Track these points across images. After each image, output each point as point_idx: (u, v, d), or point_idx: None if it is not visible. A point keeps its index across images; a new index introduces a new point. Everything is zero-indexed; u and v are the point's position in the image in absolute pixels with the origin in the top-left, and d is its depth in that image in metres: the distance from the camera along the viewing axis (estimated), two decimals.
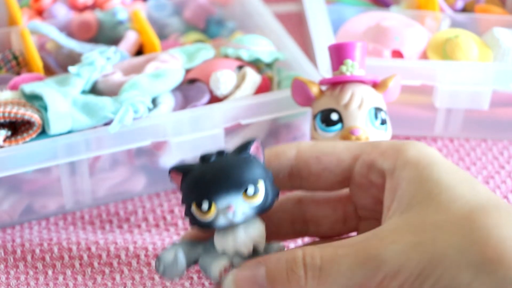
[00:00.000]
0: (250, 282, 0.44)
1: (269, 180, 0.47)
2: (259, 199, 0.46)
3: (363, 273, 0.41)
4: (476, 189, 0.42)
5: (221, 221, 0.45)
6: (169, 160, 0.68)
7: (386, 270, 0.41)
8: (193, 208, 0.46)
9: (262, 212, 0.46)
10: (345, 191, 0.51)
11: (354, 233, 0.51)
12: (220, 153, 0.47)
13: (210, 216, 0.45)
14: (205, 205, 0.45)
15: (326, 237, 0.52)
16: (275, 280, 0.43)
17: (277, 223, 0.51)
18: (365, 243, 0.42)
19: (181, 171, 0.47)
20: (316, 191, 0.51)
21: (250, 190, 0.45)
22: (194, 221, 0.46)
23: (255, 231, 0.46)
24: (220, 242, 0.47)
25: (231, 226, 0.46)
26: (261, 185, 0.46)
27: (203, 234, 0.49)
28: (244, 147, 0.47)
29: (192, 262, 0.48)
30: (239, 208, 0.45)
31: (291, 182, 0.49)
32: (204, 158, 0.47)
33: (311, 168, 0.48)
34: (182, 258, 0.47)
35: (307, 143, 0.49)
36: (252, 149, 0.47)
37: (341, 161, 0.47)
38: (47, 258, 0.62)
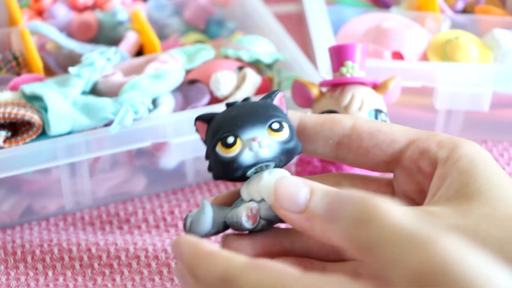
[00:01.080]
0: (291, 194, 0.42)
1: (292, 128, 0.47)
2: (284, 135, 0.46)
3: (402, 251, 0.40)
4: None
5: (246, 155, 0.45)
6: (169, 161, 0.68)
7: (423, 247, 0.40)
8: (218, 147, 0.46)
9: (286, 153, 0.46)
10: (387, 177, 0.50)
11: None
12: (245, 100, 0.48)
13: (235, 151, 0.45)
14: (230, 139, 0.45)
15: None
16: (315, 207, 0.41)
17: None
18: (410, 211, 0.41)
19: (206, 118, 0.48)
20: (359, 168, 0.50)
21: (275, 125, 0.46)
22: (218, 164, 0.46)
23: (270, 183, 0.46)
24: (247, 190, 0.46)
25: (257, 174, 0.46)
26: (285, 124, 0.46)
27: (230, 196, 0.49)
28: (268, 95, 0.49)
29: (219, 222, 0.47)
30: (264, 141, 0.45)
31: (338, 151, 0.49)
32: (229, 105, 0.48)
33: (363, 142, 0.48)
34: (209, 210, 0.47)
35: (365, 119, 0.49)
36: (276, 99, 0.48)
37: (395, 142, 0.48)
38: (47, 259, 0.62)
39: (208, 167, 0.47)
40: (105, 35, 0.79)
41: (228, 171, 0.46)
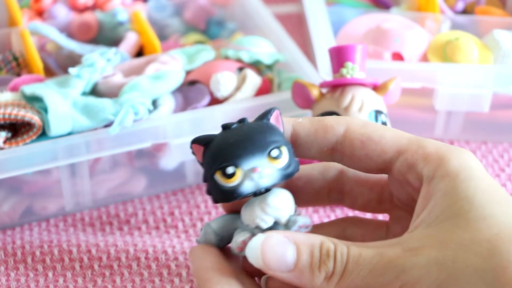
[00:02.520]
0: (278, 257, 0.43)
1: (290, 148, 0.47)
2: (283, 161, 0.46)
3: (382, 279, 0.41)
4: (508, 211, 0.42)
5: (247, 185, 0.45)
6: (169, 162, 0.68)
7: (405, 280, 0.41)
8: (217, 175, 0.45)
9: (286, 178, 0.46)
10: (385, 176, 0.51)
11: (386, 216, 0.52)
12: (241, 121, 0.47)
13: (235, 181, 0.45)
14: (230, 169, 0.45)
15: (359, 210, 0.53)
16: (304, 267, 0.43)
17: (316, 189, 0.52)
18: (389, 250, 0.42)
19: (203, 142, 0.47)
20: (356, 170, 0.50)
21: (274, 152, 0.45)
22: (218, 192, 0.45)
23: (281, 202, 0.46)
24: (244, 215, 0.47)
25: (257, 198, 0.46)
26: (284, 149, 0.46)
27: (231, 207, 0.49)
28: (264, 115, 0.48)
29: (229, 235, 0.48)
30: (264, 170, 0.45)
31: (333, 156, 0.49)
32: (225, 127, 0.47)
33: (354, 150, 0.48)
34: (211, 237, 0.48)
35: (358, 122, 0.48)
36: (272, 118, 0.47)
37: (384, 153, 0.47)
38: (48, 260, 0.62)
39: (207, 191, 0.47)
40: (105, 36, 0.79)
41: (228, 198, 0.46)
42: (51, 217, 0.68)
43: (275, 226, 0.47)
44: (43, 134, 0.63)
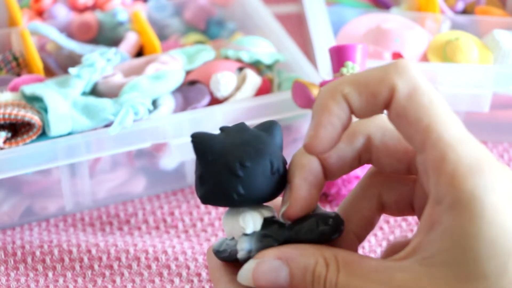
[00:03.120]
0: (270, 282, 0.43)
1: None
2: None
3: None
4: (505, 268, 0.38)
5: None
6: (169, 162, 0.68)
7: None
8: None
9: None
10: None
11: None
12: (241, 126, 0.46)
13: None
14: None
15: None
16: (298, 286, 0.42)
17: (347, 161, 0.46)
18: (376, 279, 0.40)
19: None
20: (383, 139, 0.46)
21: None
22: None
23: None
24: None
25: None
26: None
27: None
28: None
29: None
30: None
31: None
32: (224, 129, 0.46)
33: (392, 124, 0.43)
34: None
35: (405, 88, 0.42)
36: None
37: (412, 141, 0.41)
38: (48, 260, 0.62)
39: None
40: (105, 36, 0.79)
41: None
42: (51, 217, 0.68)
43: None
44: (43, 134, 0.63)
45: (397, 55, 0.74)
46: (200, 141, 0.45)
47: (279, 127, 0.47)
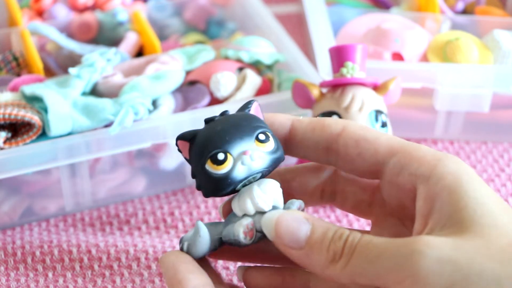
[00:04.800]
0: (291, 231, 0.43)
1: (274, 135, 0.47)
2: (270, 145, 0.46)
3: (389, 264, 0.40)
4: None
5: (239, 170, 0.45)
6: (169, 162, 0.68)
7: (413, 271, 0.40)
8: (208, 165, 0.45)
9: (275, 162, 0.46)
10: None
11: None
12: (223, 114, 0.48)
13: (227, 166, 0.45)
14: (221, 156, 0.45)
15: (349, 211, 0.52)
16: (316, 244, 0.43)
17: (310, 189, 0.51)
18: (401, 240, 0.41)
19: (188, 137, 0.47)
20: (349, 173, 0.50)
21: (262, 136, 0.46)
22: (210, 182, 0.45)
23: (271, 188, 0.46)
24: (239, 205, 0.46)
25: (246, 188, 0.46)
26: (270, 134, 0.47)
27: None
28: (244, 106, 0.48)
29: (215, 239, 0.47)
30: (254, 153, 0.45)
31: (328, 157, 0.49)
32: (209, 120, 0.47)
33: (348, 149, 0.48)
34: (205, 232, 0.46)
35: (356, 124, 0.48)
36: (253, 109, 0.48)
37: (377, 153, 0.47)
38: (48, 260, 0.62)
39: (197, 186, 0.47)
40: (105, 36, 0.79)
41: (220, 188, 0.46)
42: (51, 217, 0.68)
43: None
44: (43, 134, 0.63)
45: (397, 55, 0.74)
46: (179, 144, 0.47)
47: (253, 102, 0.49)
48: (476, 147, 0.75)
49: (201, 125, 0.66)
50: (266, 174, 0.47)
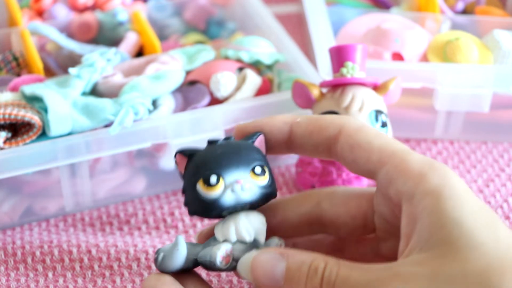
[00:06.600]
0: (267, 273, 0.44)
1: (271, 172, 0.48)
2: (264, 179, 0.46)
3: None
4: (497, 236, 0.41)
5: (228, 197, 0.45)
6: (169, 162, 0.68)
7: None
8: (199, 185, 0.45)
9: (265, 197, 0.47)
10: (369, 192, 0.50)
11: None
12: (227, 138, 0.48)
13: (217, 191, 0.45)
14: (213, 179, 0.45)
15: (345, 242, 0.52)
16: (293, 281, 0.43)
17: (293, 224, 0.51)
18: (378, 274, 0.41)
19: (188, 153, 0.47)
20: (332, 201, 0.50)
21: (258, 169, 0.46)
22: (197, 202, 0.45)
23: (257, 221, 0.47)
24: (222, 230, 0.47)
25: (232, 215, 0.46)
26: (267, 169, 0.47)
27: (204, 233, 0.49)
28: (250, 137, 0.48)
29: (190, 259, 0.47)
30: (246, 184, 0.45)
31: (329, 155, 0.49)
32: (212, 142, 0.47)
33: (344, 154, 0.48)
34: (183, 247, 0.47)
35: (353, 125, 0.48)
36: (257, 142, 0.48)
37: (369, 162, 0.46)
38: (48, 260, 0.62)
39: (185, 203, 0.47)
40: (105, 36, 0.79)
41: (206, 210, 0.46)
42: (51, 217, 0.68)
43: (254, 244, 0.47)
44: (43, 134, 0.63)
45: (397, 55, 0.74)
46: (178, 157, 0.48)
47: (259, 135, 0.49)
48: (476, 147, 0.75)
49: (200, 125, 0.66)
50: (255, 207, 0.48)
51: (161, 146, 0.67)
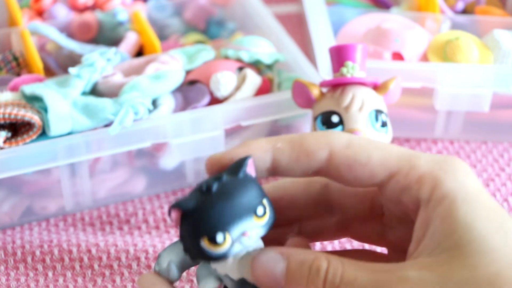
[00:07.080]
0: (267, 273, 0.43)
1: (267, 198, 0.45)
2: (267, 216, 0.44)
3: None
4: (508, 241, 0.40)
5: (236, 248, 0.43)
6: (169, 162, 0.68)
7: None
8: (204, 242, 0.43)
9: (269, 229, 0.45)
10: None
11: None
12: (218, 178, 0.44)
13: (224, 247, 0.43)
14: (219, 238, 0.43)
15: (351, 221, 0.50)
16: (293, 281, 0.42)
17: (300, 206, 0.49)
18: (386, 277, 0.40)
19: (184, 208, 0.43)
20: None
21: (260, 210, 0.44)
22: (203, 256, 0.44)
23: (247, 261, 0.45)
24: (224, 264, 0.45)
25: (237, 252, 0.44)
26: (266, 202, 0.44)
27: None
28: (239, 167, 0.45)
29: (187, 266, 0.47)
30: (252, 232, 0.43)
31: (322, 176, 0.46)
32: (206, 190, 0.44)
33: (341, 174, 0.45)
34: (174, 270, 0.46)
35: (341, 142, 0.45)
36: (249, 167, 0.45)
37: (374, 176, 0.44)
38: (48, 260, 0.62)
39: (184, 249, 0.45)
40: (105, 36, 0.79)
41: (212, 260, 0.44)
42: (51, 217, 0.68)
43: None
44: (43, 134, 0.63)
45: (397, 55, 0.74)
46: (173, 213, 0.44)
47: (248, 159, 0.45)
48: (476, 147, 0.75)
49: (200, 125, 0.66)
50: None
51: (161, 146, 0.67)
